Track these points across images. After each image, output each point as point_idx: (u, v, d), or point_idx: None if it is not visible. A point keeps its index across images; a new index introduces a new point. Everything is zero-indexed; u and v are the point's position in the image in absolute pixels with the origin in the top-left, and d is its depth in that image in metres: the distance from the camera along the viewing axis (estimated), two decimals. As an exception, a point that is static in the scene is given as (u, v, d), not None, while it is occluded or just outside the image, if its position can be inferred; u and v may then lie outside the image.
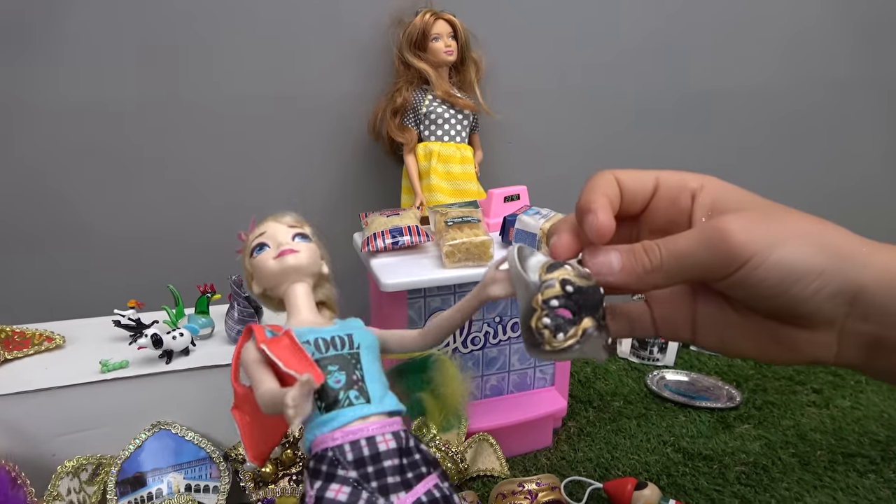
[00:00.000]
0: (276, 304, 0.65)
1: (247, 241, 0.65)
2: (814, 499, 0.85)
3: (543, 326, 0.39)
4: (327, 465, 0.52)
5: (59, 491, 0.74)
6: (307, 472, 0.52)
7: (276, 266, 0.60)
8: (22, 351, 0.81)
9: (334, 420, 0.54)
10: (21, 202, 1.05)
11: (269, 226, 0.64)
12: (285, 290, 0.61)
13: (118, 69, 1.03)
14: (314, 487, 0.50)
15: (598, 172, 0.44)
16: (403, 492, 0.52)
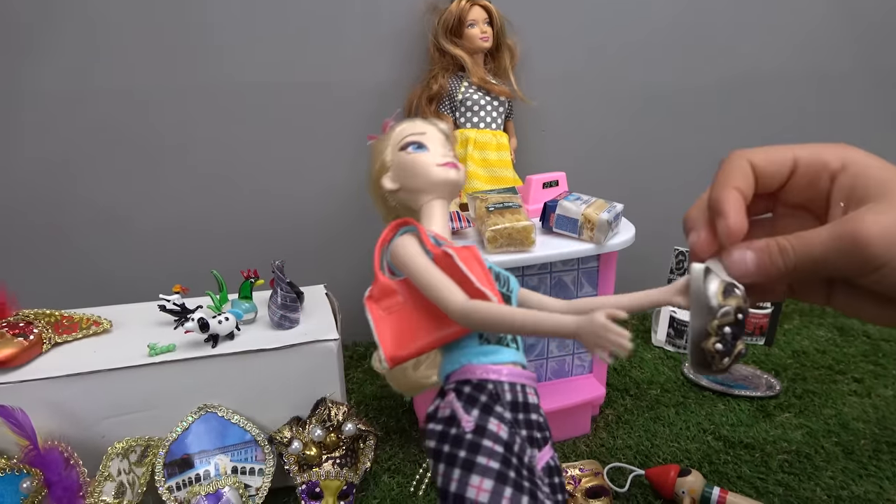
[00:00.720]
0: (393, 208, 0.62)
1: (393, 132, 0.62)
2: (860, 487, 0.84)
3: (716, 351, 0.42)
4: (487, 396, 0.51)
5: (110, 471, 0.75)
6: (455, 394, 0.51)
7: (440, 175, 0.58)
8: (71, 335, 0.82)
9: (496, 354, 0.54)
10: (66, 192, 1.07)
11: (427, 128, 0.61)
12: (429, 200, 0.59)
13: (156, 58, 1.04)
14: (471, 414, 0.50)
15: (731, 156, 0.43)
16: (537, 450, 0.52)
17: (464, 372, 0.52)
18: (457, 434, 0.49)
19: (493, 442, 0.49)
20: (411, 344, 0.54)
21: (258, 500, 0.79)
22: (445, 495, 0.48)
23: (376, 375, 1.14)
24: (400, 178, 0.60)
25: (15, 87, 1.01)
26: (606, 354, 0.44)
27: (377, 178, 0.62)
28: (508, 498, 0.47)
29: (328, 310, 0.90)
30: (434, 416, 0.52)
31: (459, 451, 0.49)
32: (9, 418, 0.71)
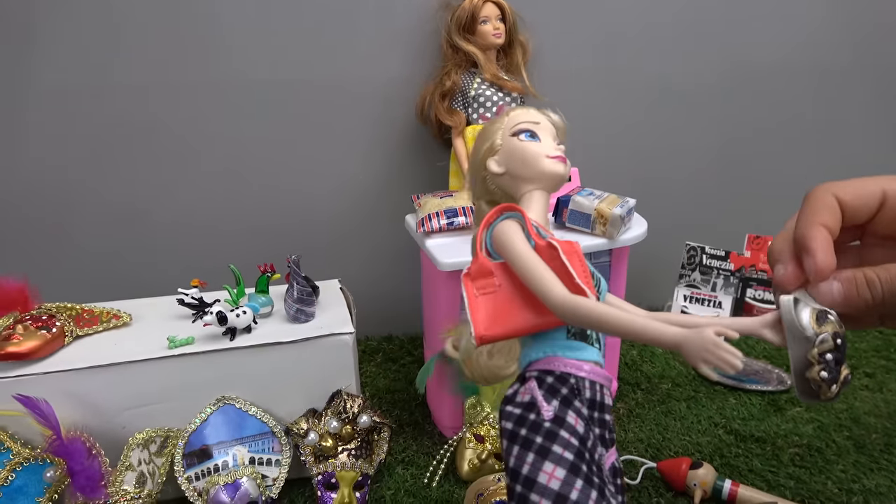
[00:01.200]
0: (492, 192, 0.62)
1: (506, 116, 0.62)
2: (871, 481, 0.84)
3: (822, 379, 0.42)
4: (568, 390, 0.52)
5: (131, 461, 0.77)
6: (537, 382, 0.52)
7: (550, 167, 0.58)
8: (92, 328, 0.84)
9: (582, 351, 0.54)
10: (85, 188, 1.09)
11: (541, 118, 0.61)
12: (532, 190, 0.59)
13: (173, 54, 1.05)
14: (552, 404, 0.51)
15: (817, 190, 0.42)
16: (605, 449, 0.53)
17: (548, 362, 0.53)
18: (535, 420, 0.50)
19: (569, 434, 0.50)
20: (503, 326, 0.54)
21: (275, 490, 0.81)
22: (516, 476, 0.49)
23: (389, 369, 1.15)
24: (507, 163, 0.60)
25: (33, 84, 1.03)
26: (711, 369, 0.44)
27: (484, 159, 0.61)
28: (579, 489, 0.48)
29: (343, 304, 0.91)
30: (512, 399, 0.53)
31: (536, 436, 0.50)
32: (34, 409, 0.72)
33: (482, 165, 0.61)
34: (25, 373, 0.75)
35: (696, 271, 1.18)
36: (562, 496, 0.48)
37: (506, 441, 0.51)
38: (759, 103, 1.32)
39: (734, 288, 1.16)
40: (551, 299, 0.50)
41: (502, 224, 0.55)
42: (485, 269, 0.55)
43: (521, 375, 0.55)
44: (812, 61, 1.32)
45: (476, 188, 0.65)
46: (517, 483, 0.49)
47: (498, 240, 0.55)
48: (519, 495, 0.49)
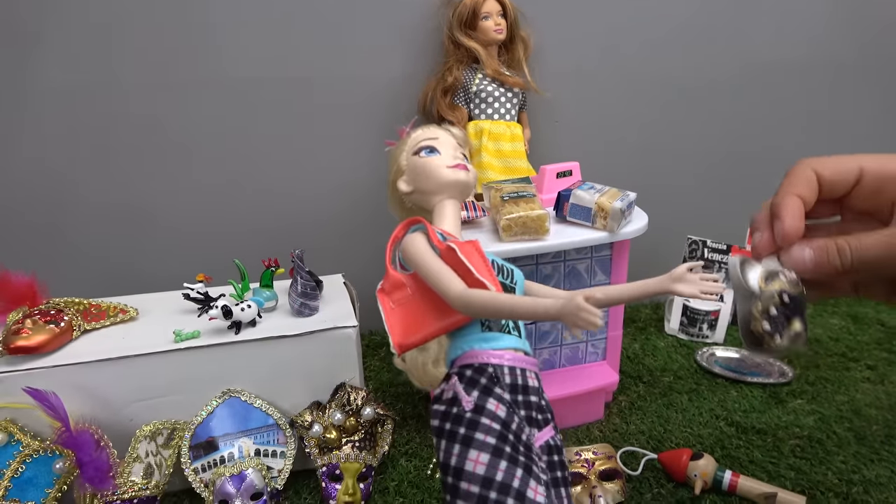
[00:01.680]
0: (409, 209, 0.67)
1: (408, 138, 0.67)
2: (871, 472, 0.85)
3: (764, 331, 0.45)
4: (486, 379, 0.55)
5: (139, 453, 0.78)
6: (457, 378, 0.55)
7: (450, 176, 0.62)
8: (99, 322, 0.85)
9: (497, 340, 0.58)
10: (91, 185, 1.10)
11: (440, 133, 0.66)
12: (441, 200, 0.63)
13: (177, 52, 1.06)
14: (471, 395, 0.54)
15: (798, 164, 0.45)
16: (536, 430, 0.56)
17: (466, 357, 0.56)
18: (457, 413, 0.53)
19: (490, 420, 0.53)
20: (418, 332, 0.58)
21: (280, 481, 0.82)
22: (446, 469, 0.52)
23: (393, 363, 1.16)
24: (413, 181, 0.64)
25: (39, 85, 1.04)
26: (578, 331, 0.50)
27: (393, 182, 0.66)
28: (503, 470, 0.51)
29: (347, 298, 0.92)
30: (439, 398, 0.56)
31: (459, 428, 0.53)
32: (43, 401, 0.74)
33: (393, 188, 0.66)
34: (35, 366, 0.76)
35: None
36: (488, 479, 0.51)
37: (434, 438, 0.55)
38: (760, 98, 1.33)
39: (736, 281, 1.16)
40: (449, 296, 0.54)
41: (408, 237, 0.59)
42: (397, 282, 0.60)
43: (447, 375, 0.58)
44: (814, 58, 1.32)
45: (394, 209, 0.70)
46: (447, 475, 0.52)
47: (406, 252, 0.59)
48: (450, 486, 0.52)
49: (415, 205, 0.67)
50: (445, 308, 0.57)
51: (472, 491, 0.51)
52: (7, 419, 0.76)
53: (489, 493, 0.50)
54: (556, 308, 0.50)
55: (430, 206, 0.64)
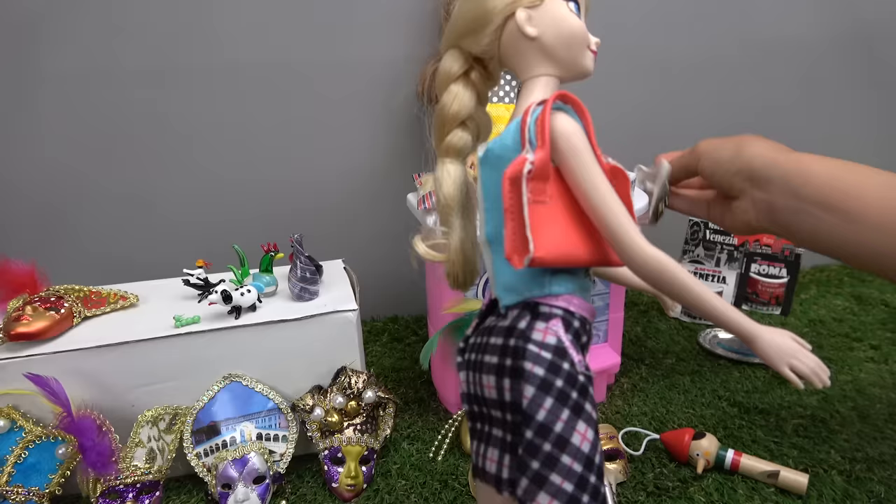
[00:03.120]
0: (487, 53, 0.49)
1: None
2: (875, 450, 0.85)
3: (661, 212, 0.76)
4: (586, 337, 0.47)
5: (141, 438, 0.78)
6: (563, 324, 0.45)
7: (588, 62, 0.49)
8: (99, 309, 0.85)
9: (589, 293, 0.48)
10: (90, 172, 1.10)
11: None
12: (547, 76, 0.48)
13: (179, 39, 1.06)
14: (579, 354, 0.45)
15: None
16: None
17: (568, 301, 0.46)
18: (570, 371, 0.44)
19: (593, 390, 0.45)
20: (560, 250, 0.44)
21: (282, 465, 0.82)
22: (546, 432, 0.43)
23: (395, 348, 1.16)
24: (545, 30, 0.47)
25: (38, 73, 1.04)
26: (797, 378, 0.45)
27: (510, 2, 0.46)
28: (600, 452, 0.44)
29: (347, 282, 0.92)
30: (529, 336, 0.45)
31: (572, 390, 0.44)
32: (44, 387, 0.74)
33: (506, 10, 0.46)
34: (35, 353, 0.76)
35: (699, 247, 1.18)
36: (591, 460, 0.43)
37: (533, 388, 0.43)
38: (760, 76, 1.32)
39: (738, 263, 1.16)
40: (634, 250, 0.43)
41: (563, 120, 0.44)
42: (546, 171, 0.44)
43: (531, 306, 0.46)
44: (814, 36, 1.31)
45: (465, 30, 0.49)
46: (546, 441, 0.43)
47: (561, 142, 0.44)
48: (546, 455, 0.43)
49: (503, 53, 0.48)
50: (600, 240, 0.45)
51: (574, 469, 0.43)
52: (9, 406, 0.76)
53: (590, 477, 0.43)
54: (756, 331, 0.44)
55: (529, 74, 0.48)
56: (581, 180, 0.44)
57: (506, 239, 0.45)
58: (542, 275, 0.46)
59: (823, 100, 1.36)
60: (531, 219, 0.43)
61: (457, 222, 0.51)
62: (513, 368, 0.45)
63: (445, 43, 0.50)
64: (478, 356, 0.48)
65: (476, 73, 0.50)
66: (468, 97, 0.50)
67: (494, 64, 0.50)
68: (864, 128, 1.40)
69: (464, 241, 0.51)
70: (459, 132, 0.50)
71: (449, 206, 0.50)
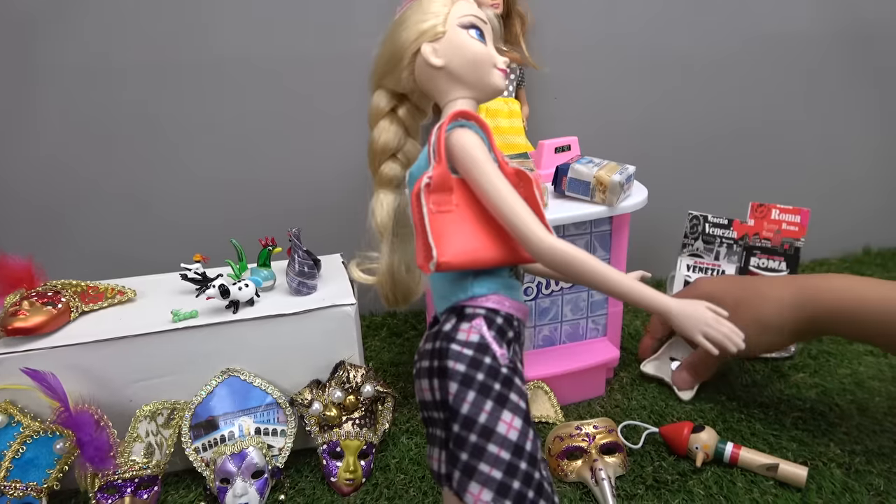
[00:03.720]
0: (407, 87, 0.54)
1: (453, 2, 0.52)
2: (874, 442, 0.85)
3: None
4: (513, 332, 0.50)
5: (139, 433, 0.78)
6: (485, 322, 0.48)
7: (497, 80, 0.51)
8: (97, 304, 0.85)
9: (517, 291, 0.51)
10: (88, 167, 1.09)
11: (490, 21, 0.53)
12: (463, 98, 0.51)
13: (175, 35, 1.05)
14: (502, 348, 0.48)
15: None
16: None
17: (491, 300, 0.49)
18: (492, 365, 0.47)
19: (520, 382, 0.48)
20: (465, 254, 0.48)
21: (281, 459, 0.82)
22: (471, 424, 0.46)
23: (394, 343, 1.16)
24: (449, 58, 0.50)
25: (35, 69, 1.03)
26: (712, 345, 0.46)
27: (416, 41, 0.51)
28: (531, 439, 0.47)
29: (345, 277, 0.92)
30: (454, 337, 0.48)
31: (494, 383, 0.46)
32: (41, 382, 0.74)
33: (412, 47, 0.51)
34: (32, 347, 0.76)
35: (699, 240, 1.18)
36: (519, 447, 0.46)
37: (456, 384, 0.47)
38: (761, 72, 1.31)
39: (738, 256, 1.15)
40: (533, 242, 0.46)
41: (463, 133, 0.48)
42: (447, 182, 0.48)
43: (457, 309, 0.50)
44: (816, 31, 1.30)
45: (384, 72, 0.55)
46: (472, 432, 0.46)
47: (458, 152, 0.48)
48: (474, 445, 0.46)
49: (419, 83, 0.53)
50: (507, 239, 0.48)
51: (501, 457, 0.45)
52: (6, 400, 0.76)
53: (520, 463, 0.46)
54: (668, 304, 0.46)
55: (445, 98, 0.51)
56: (481, 185, 0.47)
57: (416, 249, 0.49)
58: (464, 279, 0.50)
59: (824, 98, 1.36)
60: (435, 227, 0.47)
61: (386, 248, 0.55)
62: (440, 368, 0.48)
63: (371, 84, 0.57)
64: (420, 363, 0.52)
65: (404, 108, 0.57)
66: (394, 131, 0.57)
67: (418, 97, 0.55)
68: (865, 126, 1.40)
69: (392, 265, 0.56)
70: (390, 163, 0.58)
71: (380, 234, 0.56)
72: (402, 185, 0.57)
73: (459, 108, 0.51)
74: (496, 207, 0.47)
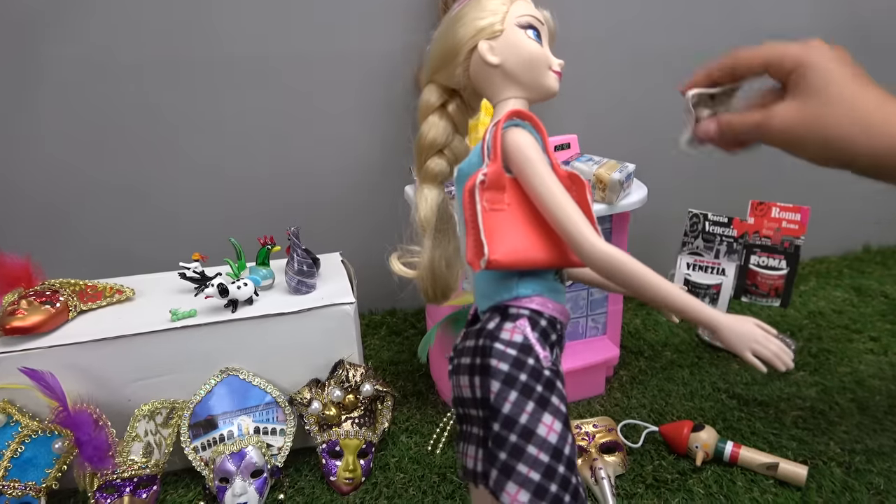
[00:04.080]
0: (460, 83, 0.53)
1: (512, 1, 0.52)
2: (874, 441, 0.85)
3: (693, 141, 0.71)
4: (556, 336, 0.50)
5: (138, 432, 0.78)
6: (529, 323, 0.49)
7: (552, 83, 0.52)
8: (95, 303, 0.85)
9: (561, 294, 0.51)
10: (86, 166, 1.09)
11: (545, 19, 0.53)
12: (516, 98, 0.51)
13: (175, 32, 1.05)
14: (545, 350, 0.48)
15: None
16: None
17: (535, 302, 0.50)
18: (535, 367, 0.47)
19: (562, 385, 0.48)
20: (516, 253, 0.48)
21: (280, 458, 0.82)
22: (512, 425, 0.46)
23: (393, 342, 1.16)
24: (506, 56, 0.50)
25: (33, 67, 1.03)
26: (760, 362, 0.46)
27: (474, 38, 0.51)
28: (570, 444, 0.47)
29: (344, 275, 0.92)
30: (497, 336, 0.49)
31: (537, 384, 0.47)
32: (40, 381, 0.73)
33: (469, 44, 0.51)
34: (31, 347, 0.76)
35: (698, 238, 1.17)
36: (558, 451, 0.46)
37: (499, 383, 0.47)
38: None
39: (738, 255, 1.15)
40: (585, 247, 0.46)
41: (517, 133, 0.48)
42: (501, 181, 0.48)
43: (500, 309, 0.50)
44: (815, 27, 1.30)
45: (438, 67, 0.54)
46: (512, 431, 0.46)
47: (513, 152, 0.48)
48: (513, 445, 0.46)
49: (474, 80, 0.52)
50: (558, 241, 0.48)
51: (540, 459, 0.45)
52: (5, 400, 0.76)
53: (558, 467, 0.45)
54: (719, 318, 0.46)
55: (498, 97, 0.51)
56: (535, 186, 0.48)
57: (467, 246, 0.49)
58: (509, 279, 0.50)
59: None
60: (487, 225, 0.47)
61: (428, 242, 0.55)
62: (482, 366, 0.48)
63: (424, 79, 0.56)
64: (459, 360, 0.52)
65: (454, 105, 0.55)
66: (444, 127, 0.55)
67: (469, 94, 0.55)
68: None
69: (434, 260, 0.55)
70: (436, 159, 0.56)
71: (423, 228, 0.55)
72: (446, 181, 0.57)
73: (513, 108, 0.51)
74: (548, 209, 0.47)
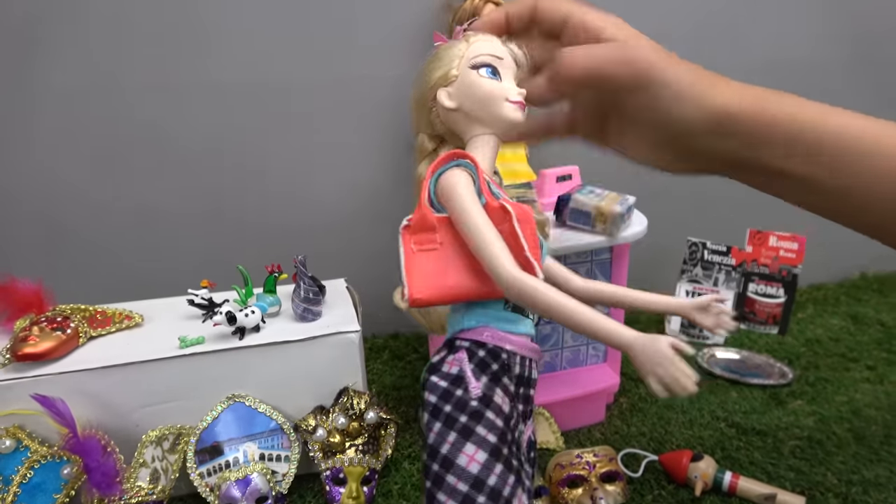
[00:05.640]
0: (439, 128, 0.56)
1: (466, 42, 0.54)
2: (871, 472, 0.86)
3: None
4: (499, 366, 0.50)
5: (145, 458, 0.79)
6: (467, 353, 0.50)
7: (509, 113, 0.52)
8: (105, 328, 0.86)
9: (516, 324, 0.52)
10: (95, 190, 1.11)
11: (505, 54, 0.54)
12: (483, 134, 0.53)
13: (180, 55, 1.07)
14: (480, 381, 0.48)
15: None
16: (523, 424, 0.53)
17: (480, 333, 0.51)
18: (461, 397, 0.48)
19: (495, 415, 0.48)
20: (439, 290, 0.50)
21: (285, 485, 0.83)
22: (434, 454, 0.47)
23: (396, 366, 1.17)
24: (461, 99, 0.52)
25: (42, 88, 1.05)
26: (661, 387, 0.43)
27: (433, 88, 0.54)
28: (497, 474, 0.47)
29: (349, 302, 0.93)
30: (438, 369, 0.50)
31: (461, 415, 0.47)
32: (50, 408, 0.75)
33: (430, 94, 0.54)
34: (42, 373, 0.77)
35: (697, 266, 1.19)
36: (479, 480, 0.46)
37: (427, 415, 0.49)
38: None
39: (736, 283, 1.17)
40: (499, 274, 0.47)
41: (450, 173, 0.50)
42: (427, 222, 0.50)
43: (450, 342, 0.52)
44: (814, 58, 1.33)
45: (418, 118, 0.58)
46: (434, 461, 0.47)
47: (444, 190, 0.50)
48: (434, 474, 0.47)
49: (446, 124, 0.55)
50: (481, 274, 0.49)
51: (458, 488, 0.46)
52: (15, 425, 0.77)
53: (477, 497, 0.46)
54: (629, 339, 0.44)
55: (468, 136, 0.54)
56: (458, 217, 0.49)
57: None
58: (457, 312, 0.53)
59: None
60: (409, 266, 0.49)
61: None
62: (423, 399, 0.50)
63: (413, 131, 0.61)
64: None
65: (446, 148, 0.58)
66: None
67: (450, 137, 0.57)
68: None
69: None
70: None
71: None
72: None
73: (454, 150, 0.53)
74: (469, 239, 0.49)
